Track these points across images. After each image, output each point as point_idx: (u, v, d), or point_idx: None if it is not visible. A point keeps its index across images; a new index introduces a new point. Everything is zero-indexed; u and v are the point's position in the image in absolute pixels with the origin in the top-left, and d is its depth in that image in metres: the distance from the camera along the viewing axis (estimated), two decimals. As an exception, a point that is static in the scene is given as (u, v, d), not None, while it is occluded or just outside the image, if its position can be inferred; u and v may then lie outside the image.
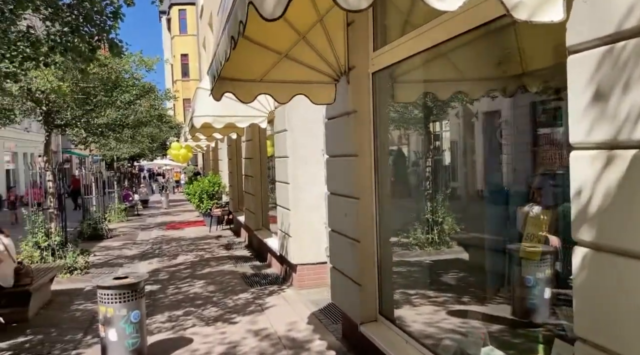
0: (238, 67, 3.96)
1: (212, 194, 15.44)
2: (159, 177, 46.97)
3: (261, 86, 4.21)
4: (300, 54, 4.14)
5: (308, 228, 7.05)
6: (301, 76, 4.27)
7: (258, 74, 4.14)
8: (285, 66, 4.15)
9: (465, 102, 4.66)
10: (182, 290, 7.58)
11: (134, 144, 19.57)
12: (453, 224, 5.07)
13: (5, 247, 6.10)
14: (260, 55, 4.00)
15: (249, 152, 10.46)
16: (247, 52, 3.84)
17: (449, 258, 5.33)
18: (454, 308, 4.56)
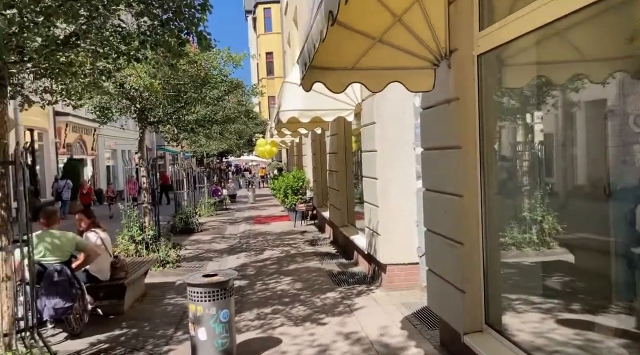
0: (329, 55, 3.69)
1: (297, 189, 15.43)
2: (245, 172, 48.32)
3: (353, 74, 3.91)
4: (395, 38, 3.79)
5: (398, 226, 6.69)
6: (396, 62, 3.92)
7: (349, 61, 3.85)
8: (379, 52, 3.82)
9: (584, 86, 4.09)
10: (270, 287, 7.50)
11: (222, 140, 20.10)
12: (555, 223, 4.52)
13: (102, 242, 6.27)
14: (352, 41, 3.71)
15: (334, 147, 10.24)
16: (338, 38, 3.56)
17: (561, 260, 4.77)
18: (570, 318, 4.03)
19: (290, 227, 14.21)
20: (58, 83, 5.71)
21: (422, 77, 4.04)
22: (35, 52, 4.26)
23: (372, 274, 7.53)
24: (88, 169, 28.39)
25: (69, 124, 25.21)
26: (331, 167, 10.61)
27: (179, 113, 9.74)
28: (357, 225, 9.45)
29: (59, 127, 24.43)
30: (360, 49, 3.78)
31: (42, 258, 5.29)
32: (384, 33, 3.75)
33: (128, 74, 7.58)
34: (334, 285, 7.35)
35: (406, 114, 6.61)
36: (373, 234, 7.11)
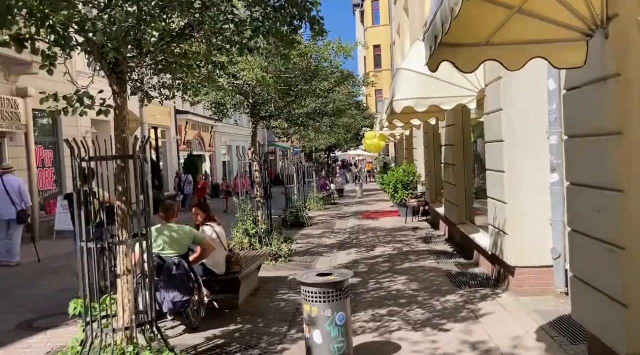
0: (459, 30, 3.21)
1: (407, 184, 14.88)
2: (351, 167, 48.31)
3: (486, 51, 3.40)
4: (538, 6, 3.23)
5: (529, 225, 5.99)
6: (539, 34, 3.35)
7: (483, 35, 3.34)
8: (519, 23, 3.27)
9: None
10: (384, 286, 7.13)
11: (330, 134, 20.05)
12: None
13: (217, 235, 6.29)
14: (486, 12, 3.20)
15: (450, 138, 9.59)
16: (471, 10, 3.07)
17: None
18: None
19: (401, 223, 13.73)
20: (175, 78, 5.77)
21: (570, 50, 3.42)
22: (152, 45, 4.25)
23: (496, 276, 6.87)
24: (206, 164, 29.94)
25: (189, 122, 26.68)
26: (447, 159, 9.97)
27: (290, 107, 9.67)
28: (476, 223, 8.77)
29: (180, 125, 25.92)
30: (496, 21, 3.27)
31: (160, 251, 5.37)
32: (524, 1, 3.20)
33: (241, 68, 7.58)
34: (453, 287, 6.80)
35: (538, 98, 5.89)
36: (498, 233, 6.46)
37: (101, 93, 4.26)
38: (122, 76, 4.30)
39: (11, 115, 12.99)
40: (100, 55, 4.07)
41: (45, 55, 4.12)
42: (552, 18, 3.30)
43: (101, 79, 4.40)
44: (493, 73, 6.28)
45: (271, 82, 7.66)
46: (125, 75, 4.36)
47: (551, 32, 3.35)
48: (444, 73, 6.63)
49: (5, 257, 10.03)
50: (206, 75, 5.86)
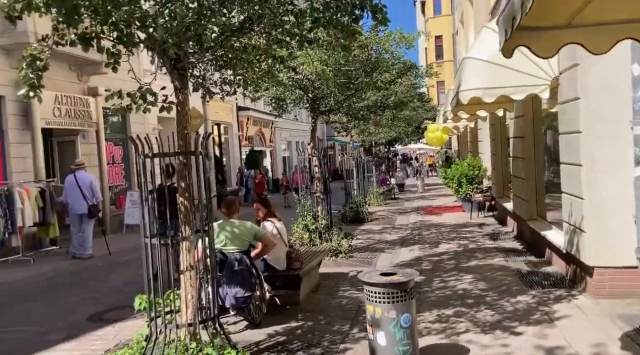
0: (538, 11, 2.94)
1: (472, 178, 14.36)
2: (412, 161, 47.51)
3: (568, 33, 3.11)
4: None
5: (610, 222, 5.55)
6: (629, 13, 3.02)
7: (564, 16, 3.05)
8: (605, 2, 2.96)
9: None
10: (449, 285, 6.85)
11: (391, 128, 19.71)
12: None
13: (278, 231, 6.25)
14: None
15: (520, 130, 9.11)
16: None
17: None
18: None
19: (466, 219, 13.26)
20: (235, 74, 5.75)
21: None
22: (212, 40, 4.21)
23: (571, 277, 6.44)
24: (267, 160, 30.34)
25: (250, 118, 27.08)
26: (516, 153, 9.49)
27: (350, 100, 9.52)
28: (548, 219, 8.29)
29: (241, 121, 26.34)
30: (579, 1, 2.97)
31: (223, 247, 5.38)
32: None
33: (300, 62, 7.50)
34: (524, 287, 6.44)
35: (621, 85, 5.43)
36: (575, 231, 6.03)
37: (163, 90, 4.28)
38: (183, 72, 4.30)
39: (84, 114, 13.59)
40: (162, 52, 4.08)
41: (110, 53, 4.18)
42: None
43: (164, 76, 4.43)
44: (568, 59, 5.85)
45: (331, 76, 7.53)
46: (187, 71, 4.35)
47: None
48: (514, 61, 6.25)
49: (79, 250, 10.49)
50: (266, 70, 5.80)
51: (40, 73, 3.97)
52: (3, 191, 9.85)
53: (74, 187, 10.42)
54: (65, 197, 10.57)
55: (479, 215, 13.49)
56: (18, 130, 11.64)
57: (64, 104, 12.84)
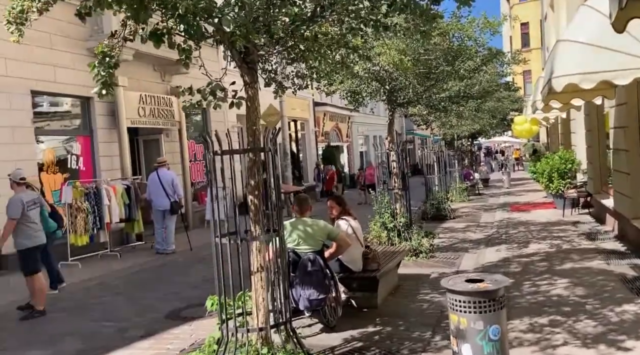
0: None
1: (564, 173, 13.32)
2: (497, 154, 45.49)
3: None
4: None
5: None
6: None
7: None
8: None
9: None
10: (541, 290, 6.26)
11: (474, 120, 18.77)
12: None
13: (353, 231, 5.97)
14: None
15: (622, 119, 8.21)
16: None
17: None
18: None
19: (558, 217, 12.30)
20: (308, 66, 5.53)
21: None
22: (282, 30, 4.00)
23: (688, 285, 5.64)
24: (344, 155, 30.16)
25: (326, 114, 27.00)
26: (617, 144, 8.58)
27: (430, 91, 9.03)
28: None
29: (318, 117, 26.32)
30: None
31: (295, 246, 5.18)
32: None
33: (377, 52, 7.16)
34: (631, 295, 5.73)
35: None
36: (693, 233, 5.26)
37: (233, 85, 4.12)
38: (253, 66, 4.12)
39: (167, 113, 14.03)
40: (230, 45, 3.92)
41: (181, 49, 4.09)
42: None
43: (235, 72, 4.28)
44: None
45: (409, 66, 7.12)
46: (256, 65, 4.17)
47: None
48: (617, 41, 5.58)
49: (162, 245, 10.80)
50: (340, 61, 5.53)
51: (111, 70, 3.93)
52: (92, 188, 10.32)
53: (157, 184, 10.73)
54: (149, 194, 10.92)
55: (572, 212, 12.47)
56: (106, 130, 12.20)
57: (148, 104, 13.30)
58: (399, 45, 7.15)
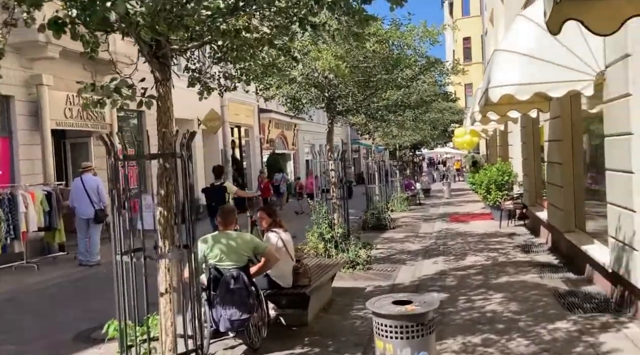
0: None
1: (502, 184, 13.48)
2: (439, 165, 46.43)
3: (634, 3, 2.39)
4: None
5: (667, 239, 4.75)
6: None
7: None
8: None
9: None
10: (476, 305, 6.10)
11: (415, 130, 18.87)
12: None
13: (284, 244, 5.61)
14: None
15: (556, 133, 8.28)
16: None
17: None
18: None
19: (495, 228, 12.40)
20: (236, 66, 5.15)
21: None
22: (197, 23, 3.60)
23: (618, 300, 5.62)
24: (290, 163, 29.79)
25: (272, 120, 26.58)
26: (551, 157, 8.65)
27: (369, 100, 8.82)
28: (589, 231, 7.45)
29: (263, 124, 25.87)
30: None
31: (217, 262, 4.76)
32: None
33: (314, 57, 6.87)
34: (563, 311, 5.65)
35: (682, 79, 4.64)
36: (624, 248, 5.23)
37: (142, 81, 3.69)
38: (165, 61, 3.71)
39: (97, 115, 13.22)
40: (138, 37, 3.50)
41: (85, 41, 3.62)
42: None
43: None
44: (617, 50, 5.07)
45: (347, 72, 6.87)
46: (169, 60, 3.76)
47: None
48: (553, 53, 5.53)
49: (86, 256, 10.05)
50: (270, 63, 5.18)
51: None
52: (6, 194, 9.47)
53: (81, 191, 9.99)
54: (72, 201, 10.15)
55: (508, 224, 12.60)
56: (27, 131, 11.31)
57: (76, 105, 12.47)
58: (337, 50, 6.89)
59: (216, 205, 8.59)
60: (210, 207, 9.01)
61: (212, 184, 9.61)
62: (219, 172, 9.62)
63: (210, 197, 9.16)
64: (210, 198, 9.17)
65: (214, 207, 8.57)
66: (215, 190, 9.19)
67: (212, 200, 9.06)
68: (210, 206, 9.02)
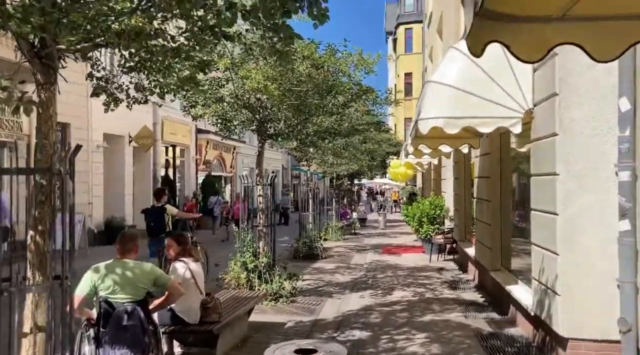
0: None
1: (434, 218, 13.51)
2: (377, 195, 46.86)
3: (561, 29, 2.17)
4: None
5: (589, 285, 4.63)
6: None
7: (556, 5, 2.12)
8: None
9: None
10: (398, 346, 5.79)
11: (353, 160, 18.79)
12: None
13: (192, 275, 5.10)
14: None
15: (485, 169, 8.27)
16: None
17: None
18: None
19: (425, 262, 12.31)
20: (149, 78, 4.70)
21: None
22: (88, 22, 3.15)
23: (539, 344, 5.46)
24: (227, 187, 29.00)
25: (210, 142, 25.84)
26: (480, 194, 8.63)
27: (303, 125, 8.52)
28: (514, 270, 7.38)
29: (200, 144, 25.10)
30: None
31: (110, 295, 4.19)
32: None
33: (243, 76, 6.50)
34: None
35: (606, 123, 4.60)
36: (546, 291, 5.09)
37: (22, 84, 3.18)
38: (50, 63, 3.22)
39: (13, 124, 12.25)
40: (17, 33, 3.00)
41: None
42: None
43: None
44: (546, 88, 5.02)
45: (277, 94, 6.53)
46: (56, 61, 3.27)
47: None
48: (483, 88, 5.42)
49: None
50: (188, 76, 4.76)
51: None
52: None
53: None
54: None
55: (439, 258, 12.57)
56: None
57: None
58: (268, 71, 6.56)
59: (155, 227, 8.73)
60: (149, 228, 8.84)
61: (152, 206, 9.34)
62: (160, 194, 9.40)
63: (150, 219, 8.91)
64: (150, 220, 8.90)
65: (153, 227, 8.69)
66: (155, 212, 8.93)
67: (151, 221, 8.86)
68: (149, 227, 8.86)
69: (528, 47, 2.17)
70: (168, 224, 9.02)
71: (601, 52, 2.17)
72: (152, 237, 8.67)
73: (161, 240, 8.05)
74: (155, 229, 8.68)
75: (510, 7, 2.06)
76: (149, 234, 8.80)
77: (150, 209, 9.22)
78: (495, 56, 5.39)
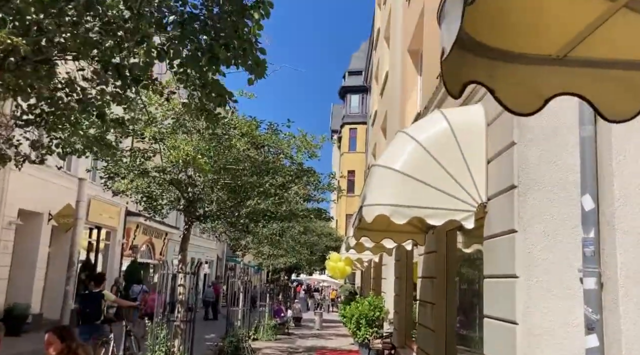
0: (499, 24, 1.51)
1: (372, 320, 12.65)
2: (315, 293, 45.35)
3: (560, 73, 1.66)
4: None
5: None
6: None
7: (556, 44, 1.62)
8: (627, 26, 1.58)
9: None
10: None
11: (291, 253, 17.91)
12: None
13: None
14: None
15: (430, 269, 7.69)
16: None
17: None
18: None
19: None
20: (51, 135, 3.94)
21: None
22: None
23: None
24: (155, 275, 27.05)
25: (140, 226, 24.34)
26: (424, 296, 7.97)
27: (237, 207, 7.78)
28: (461, 385, 6.58)
29: (129, 228, 23.57)
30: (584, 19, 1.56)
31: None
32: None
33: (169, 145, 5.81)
34: None
35: (569, 221, 4.16)
36: (504, 416, 4.32)
37: None
38: None
39: None
40: None
41: None
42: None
43: None
44: (502, 180, 4.60)
45: (207, 168, 5.84)
46: None
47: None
48: (433, 176, 4.95)
49: None
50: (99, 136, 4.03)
51: None
52: None
53: None
54: None
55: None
56: None
57: None
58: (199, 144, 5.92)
59: (91, 313, 8.34)
60: (84, 314, 8.37)
61: (89, 291, 8.82)
62: (99, 280, 9.01)
63: (86, 305, 8.44)
64: (86, 305, 8.42)
65: (89, 314, 8.36)
66: (91, 298, 8.47)
67: (87, 307, 8.38)
68: (84, 313, 8.41)
69: (516, 94, 1.62)
70: (104, 310, 8.81)
71: (612, 109, 1.65)
72: (86, 323, 8.34)
73: (97, 327, 8.08)
74: (91, 315, 8.33)
75: (499, 40, 1.53)
76: (83, 320, 8.46)
77: (87, 295, 8.84)
78: (445, 140, 5.04)
